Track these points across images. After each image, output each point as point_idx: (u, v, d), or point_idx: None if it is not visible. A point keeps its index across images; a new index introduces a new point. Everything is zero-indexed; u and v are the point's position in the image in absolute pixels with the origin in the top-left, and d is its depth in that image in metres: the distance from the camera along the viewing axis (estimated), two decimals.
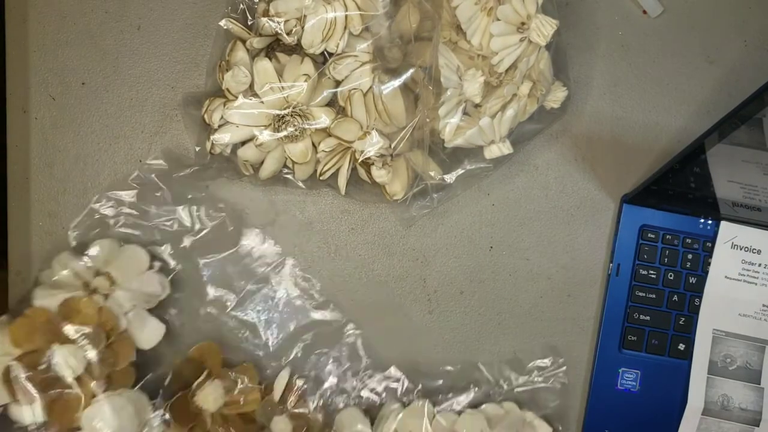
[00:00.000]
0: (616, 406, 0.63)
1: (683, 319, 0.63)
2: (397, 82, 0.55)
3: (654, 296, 0.63)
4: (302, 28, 0.54)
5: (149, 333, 0.57)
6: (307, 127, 0.56)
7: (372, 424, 0.60)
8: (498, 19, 0.54)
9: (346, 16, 0.54)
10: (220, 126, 0.57)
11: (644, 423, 0.63)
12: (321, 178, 0.58)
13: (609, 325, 0.63)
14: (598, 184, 0.64)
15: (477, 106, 0.57)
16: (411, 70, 0.55)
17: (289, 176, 0.60)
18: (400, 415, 0.60)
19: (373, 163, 0.57)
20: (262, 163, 0.59)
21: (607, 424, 0.63)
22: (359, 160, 0.57)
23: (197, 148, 0.59)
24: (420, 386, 0.62)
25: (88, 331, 0.54)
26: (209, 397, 0.56)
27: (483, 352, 0.63)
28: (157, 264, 0.59)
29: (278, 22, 0.54)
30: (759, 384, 0.62)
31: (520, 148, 0.63)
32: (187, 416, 0.55)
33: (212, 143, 0.57)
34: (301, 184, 0.60)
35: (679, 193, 0.62)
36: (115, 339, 0.55)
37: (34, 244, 0.63)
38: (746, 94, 0.55)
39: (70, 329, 0.53)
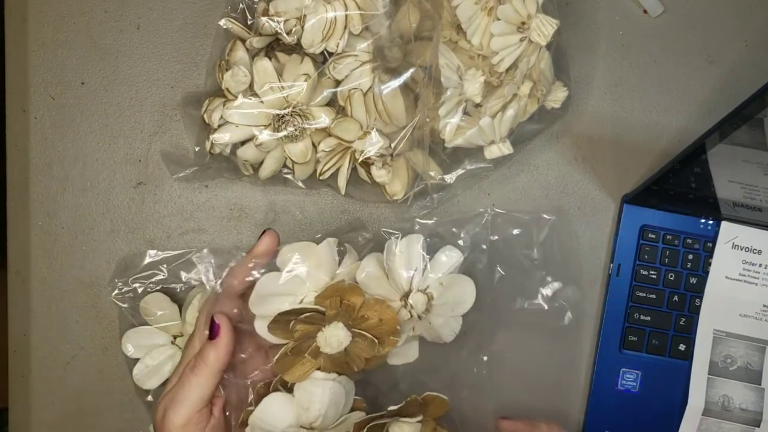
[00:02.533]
0: (617, 407, 0.63)
1: (684, 319, 0.63)
2: (397, 82, 0.55)
3: (654, 296, 0.63)
4: (302, 27, 0.54)
5: (409, 353, 0.55)
6: (307, 126, 0.56)
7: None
8: (498, 19, 0.54)
9: (346, 16, 0.54)
10: (219, 126, 0.57)
11: (645, 423, 0.63)
12: (321, 178, 0.58)
13: (609, 326, 0.63)
14: (598, 184, 0.64)
15: (477, 106, 0.57)
16: (411, 70, 0.55)
17: (289, 176, 0.60)
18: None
19: (373, 163, 0.57)
20: (262, 163, 0.58)
21: (607, 425, 0.63)
22: (359, 160, 0.57)
23: (197, 148, 0.59)
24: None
25: (373, 334, 0.51)
26: None
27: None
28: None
29: (278, 22, 0.54)
30: (759, 384, 0.62)
31: (521, 148, 0.63)
32: None
33: (212, 143, 0.57)
34: (301, 184, 0.60)
35: (679, 193, 0.62)
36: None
37: (33, 244, 0.63)
38: (747, 94, 0.55)
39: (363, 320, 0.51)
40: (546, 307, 0.59)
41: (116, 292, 0.60)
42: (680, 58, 0.65)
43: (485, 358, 0.60)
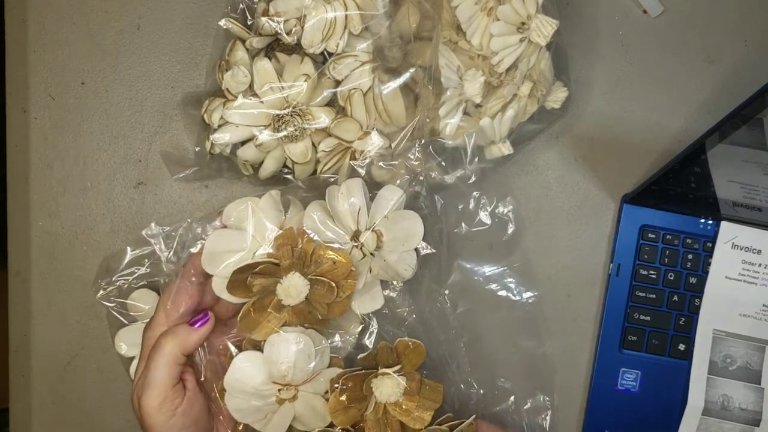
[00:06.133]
0: (616, 407, 0.63)
1: (683, 319, 0.63)
2: (397, 82, 0.55)
3: (654, 296, 0.63)
4: (302, 27, 0.54)
5: (374, 299, 0.56)
6: (307, 127, 0.56)
7: None
8: (498, 19, 0.54)
9: (346, 16, 0.54)
10: (219, 126, 0.57)
11: (644, 423, 0.63)
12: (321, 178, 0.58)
13: (609, 325, 0.63)
14: (598, 184, 0.64)
15: (477, 106, 0.57)
16: (411, 70, 0.55)
17: (289, 176, 0.60)
18: None
19: (373, 163, 0.57)
20: (262, 163, 0.58)
21: (607, 424, 0.63)
22: (359, 160, 0.57)
23: (197, 148, 0.59)
24: None
25: (330, 280, 0.52)
26: (386, 389, 0.54)
27: (473, 360, 0.63)
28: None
29: (278, 22, 0.54)
30: (759, 384, 0.62)
31: (521, 149, 0.63)
32: (356, 393, 0.53)
33: (212, 143, 0.57)
34: (300, 184, 0.60)
35: (679, 193, 0.62)
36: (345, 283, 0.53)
37: (34, 244, 0.63)
38: (747, 95, 0.55)
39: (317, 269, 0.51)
40: (489, 224, 0.60)
41: (101, 293, 0.60)
42: (680, 58, 0.65)
43: (446, 292, 0.60)
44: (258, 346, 0.52)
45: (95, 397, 0.64)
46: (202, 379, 0.52)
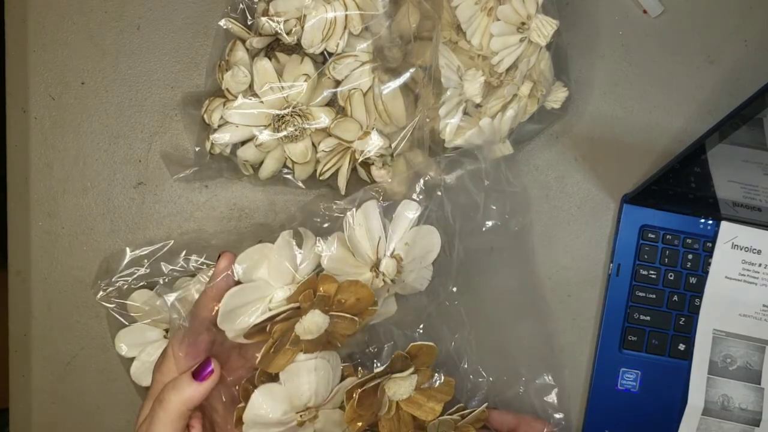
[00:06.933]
0: (616, 407, 0.63)
1: (683, 319, 0.63)
2: (397, 82, 0.55)
3: (654, 296, 0.63)
4: (302, 27, 0.54)
5: (388, 310, 0.56)
6: (307, 127, 0.56)
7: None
8: (498, 19, 0.54)
9: (346, 16, 0.54)
10: (219, 126, 0.57)
11: (644, 423, 0.63)
12: (321, 178, 0.58)
13: (609, 325, 0.63)
14: (598, 184, 0.64)
15: (477, 106, 0.57)
16: (411, 70, 0.55)
17: (289, 176, 0.60)
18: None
19: (373, 163, 0.57)
20: (262, 163, 0.58)
21: (607, 424, 0.63)
22: (359, 160, 0.57)
23: (197, 148, 0.59)
24: None
25: (350, 315, 0.51)
26: (399, 389, 0.53)
27: (482, 350, 0.63)
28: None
29: (278, 22, 0.54)
30: (759, 384, 0.62)
31: (521, 149, 0.63)
32: (370, 399, 0.53)
33: (212, 143, 0.57)
34: (301, 184, 0.60)
35: (679, 193, 0.62)
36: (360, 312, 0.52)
37: (34, 244, 0.63)
38: (747, 95, 0.55)
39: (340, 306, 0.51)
40: (491, 222, 0.59)
41: (101, 294, 0.59)
42: (680, 58, 0.65)
43: (454, 289, 0.60)
44: (273, 375, 0.52)
45: (95, 397, 0.64)
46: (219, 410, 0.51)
